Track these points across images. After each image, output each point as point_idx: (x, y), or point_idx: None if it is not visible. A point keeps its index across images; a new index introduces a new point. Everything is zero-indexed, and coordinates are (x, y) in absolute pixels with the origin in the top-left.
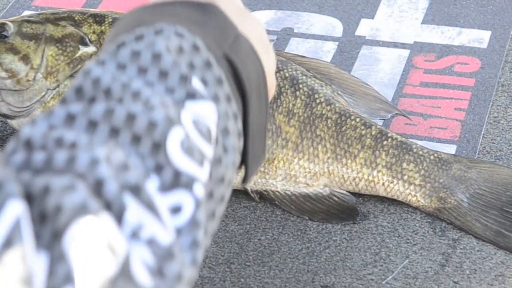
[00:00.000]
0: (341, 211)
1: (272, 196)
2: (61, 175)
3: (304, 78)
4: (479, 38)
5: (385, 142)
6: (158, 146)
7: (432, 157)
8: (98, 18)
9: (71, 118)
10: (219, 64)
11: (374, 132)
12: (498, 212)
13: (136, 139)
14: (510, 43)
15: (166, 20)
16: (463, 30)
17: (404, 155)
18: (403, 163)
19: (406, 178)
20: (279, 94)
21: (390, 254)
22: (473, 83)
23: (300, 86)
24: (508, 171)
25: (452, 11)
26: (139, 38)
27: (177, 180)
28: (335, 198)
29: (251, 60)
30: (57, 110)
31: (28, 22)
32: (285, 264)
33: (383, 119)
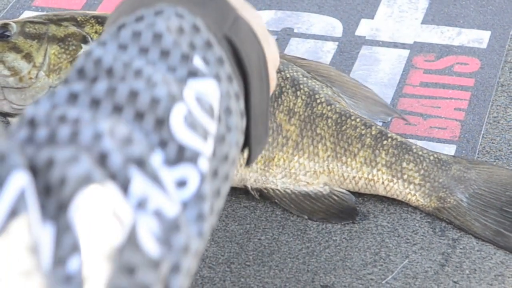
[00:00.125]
0: (340, 210)
1: (272, 194)
2: (64, 148)
3: (305, 79)
4: (479, 38)
5: (385, 142)
6: (162, 122)
7: (431, 157)
8: (100, 19)
9: (73, 96)
10: (219, 44)
11: (374, 132)
12: (497, 212)
13: (139, 115)
14: (509, 43)
15: (166, 1)
16: (462, 30)
17: (404, 154)
18: (403, 162)
19: (405, 177)
20: (280, 94)
21: (390, 254)
22: (472, 83)
23: (301, 86)
24: (507, 172)
25: (452, 11)
26: (139, 19)
27: (181, 155)
28: (335, 197)
29: (251, 42)
30: (59, 90)
31: (31, 22)
32: (285, 264)
33: (383, 122)
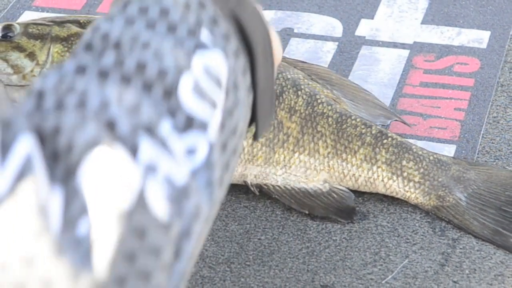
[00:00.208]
0: (339, 209)
1: (272, 190)
2: (72, 114)
3: (305, 80)
4: (479, 38)
5: (385, 141)
6: (170, 92)
7: (431, 157)
8: None
9: (81, 69)
10: (225, 20)
11: (374, 131)
12: (496, 211)
13: (147, 86)
14: (509, 43)
15: None
16: (462, 30)
17: (404, 153)
18: (402, 160)
19: (405, 175)
20: (281, 93)
21: (389, 254)
22: (472, 83)
23: (302, 87)
24: (506, 172)
25: (451, 11)
26: None
27: (190, 124)
28: (334, 195)
29: (256, 18)
30: (67, 63)
31: (34, 24)
32: (285, 264)
33: (382, 125)
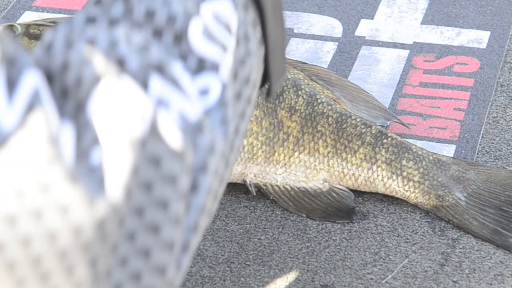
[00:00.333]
0: (339, 209)
1: (270, 191)
2: (79, 50)
3: (305, 81)
4: (478, 38)
5: (385, 141)
6: (180, 37)
7: (431, 157)
8: None
9: (91, 20)
10: None
11: (374, 131)
12: (496, 211)
13: (157, 33)
14: (509, 44)
15: None
16: (462, 31)
17: (404, 153)
18: (402, 160)
19: (405, 174)
20: (282, 92)
21: (389, 254)
22: (472, 83)
23: (302, 87)
24: (506, 173)
25: (451, 11)
26: None
27: (202, 66)
28: (334, 195)
29: None
30: (77, 15)
31: (36, 24)
32: (285, 264)
33: (382, 126)
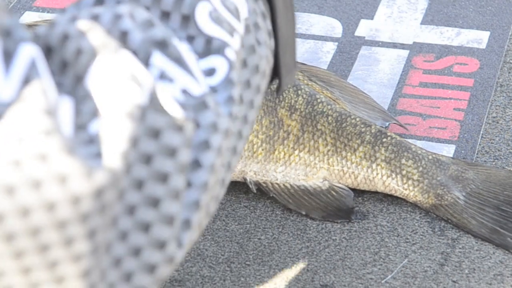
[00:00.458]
0: (338, 208)
1: (270, 189)
2: (78, 23)
3: (305, 81)
4: (478, 38)
5: (384, 140)
6: (187, 18)
7: (430, 156)
8: None
9: (100, 1)
10: None
11: (373, 130)
12: (494, 210)
13: (165, 15)
14: (508, 44)
15: None
16: (462, 31)
17: (403, 152)
18: (402, 159)
19: (404, 172)
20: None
21: (389, 254)
22: (472, 83)
23: (302, 87)
24: (505, 172)
25: (451, 11)
26: None
27: (209, 47)
28: (334, 193)
29: None
30: None
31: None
32: (285, 263)
33: (381, 126)
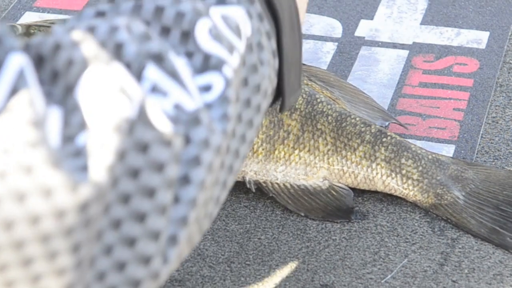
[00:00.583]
0: (338, 208)
1: (270, 189)
2: (72, 33)
3: (305, 81)
4: (478, 39)
5: (384, 139)
6: (187, 34)
7: (430, 156)
8: None
9: (100, 14)
10: None
11: (373, 130)
12: (494, 210)
13: (165, 30)
14: (508, 44)
15: None
16: (461, 31)
17: (403, 151)
18: (401, 158)
19: (404, 172)
20: None
21: (389, 253)
22: (471, 83)
23: (302, 86)
24: (505, 172)
25: (450, 12)
26: None
27: (207, 63)
28: (334, 193)
29: None
30: (86, 9)
31: (36, 25)
32: (285, 263)
33: (381, 126)
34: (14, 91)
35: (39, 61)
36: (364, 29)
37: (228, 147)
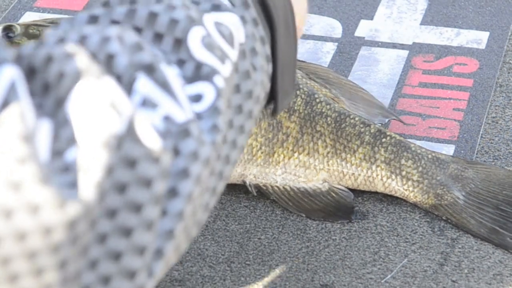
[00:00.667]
0: (338, 209)
1: (270, 191)
2: (63, 45)
3: (304, 80)
4: (477, 39)
5: (383, 140)
6: (180, 42)
7: (430, 156)
8: None
9: (93, 18)
10: None
11: (373, 130)
12: (493, 210)
13: (158, 36)
14: (508, 44)
15: None
16: (461, 31)
17: (403, 152)
18: (401, 159)
19: (404, 173)
20: None
21: (389, 253)
22: (471, 83)
23: (301, 86)
24: (505, 172)
25: (450, 12)
26: None
27: (198, 72)
28: (333, 195)
29: None
30: (80, 14)
31: (35, 24)
32: (285, 263)
33: (380, 123)
34: (5, 104)
35: (31, 72)
36: (364, 29)
37: (218, 155)
